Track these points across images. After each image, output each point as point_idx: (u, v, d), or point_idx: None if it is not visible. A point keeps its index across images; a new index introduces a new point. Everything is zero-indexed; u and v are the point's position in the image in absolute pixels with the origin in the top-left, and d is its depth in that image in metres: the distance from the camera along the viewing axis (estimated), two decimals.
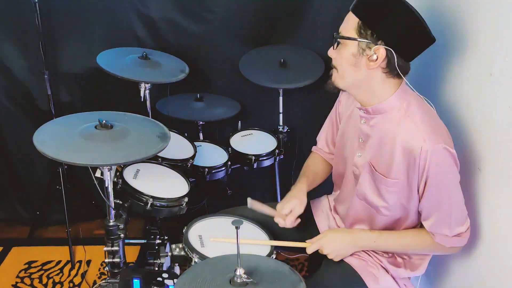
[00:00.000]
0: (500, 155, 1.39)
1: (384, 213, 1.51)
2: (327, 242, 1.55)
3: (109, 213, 1.65)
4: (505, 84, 1.35)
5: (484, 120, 1.47)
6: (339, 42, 1.40)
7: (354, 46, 1.36)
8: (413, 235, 1.52)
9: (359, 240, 1.56)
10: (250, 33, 2.44)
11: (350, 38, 1.36)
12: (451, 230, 1.44)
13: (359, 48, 1.36)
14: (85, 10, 2.34)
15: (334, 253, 1.55)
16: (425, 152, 1.34)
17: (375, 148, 1.48)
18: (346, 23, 1.39)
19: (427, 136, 1.34)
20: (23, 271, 2.39)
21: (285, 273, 1.23)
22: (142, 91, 2.11)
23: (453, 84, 1.66)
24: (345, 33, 1.38)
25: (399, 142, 1.39)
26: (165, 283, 1.48)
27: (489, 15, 1.43)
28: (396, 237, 1.54)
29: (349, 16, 1.38)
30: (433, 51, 1.44)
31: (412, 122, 1.38)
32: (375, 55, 1.34)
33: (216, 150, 2.29)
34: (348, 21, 1.38)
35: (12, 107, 2.49)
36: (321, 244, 1.55)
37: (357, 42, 1.35)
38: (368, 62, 1.36)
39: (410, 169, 1.39)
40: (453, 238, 1.46)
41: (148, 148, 1.51)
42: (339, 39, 1.39)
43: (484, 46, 1.46)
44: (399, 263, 1.59)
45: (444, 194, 1.41)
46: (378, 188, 1.49)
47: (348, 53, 1.38)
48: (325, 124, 1.81)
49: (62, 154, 1.42)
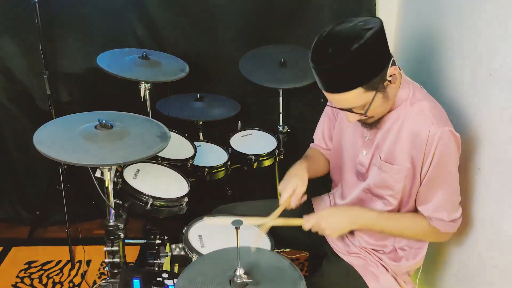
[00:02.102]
0: (500, 155, 1.39)
1: (391, 202, 1.52)
2: (325, 216, 1.51)
3: (109, 213, 1.65)
4: (505, 84, 1.35)
5: (484, 120, 1.47)
6: (365, 111, 1.37)
7: (378, 95, 1.35)
8: (410, 218, 1.52)
9: (359, 217, 1.53)
10: (250, 33, 2.44)
11: (372, 101, 1.35)
12: (449, 214, 1.46)
13: (381, 90, 1.35)
14: (85, 10, 2.35)
15: (331, 228, 1.49)
16: (433, 136, 1.36)
17: (382, 141, 1.49)
18: (351, 100, 1.35)
19: (434, 119, 1.38)
20: (23, 271, 2.39)
21: (285, 269, 1.23)
22: (142, 91, 2.11)
23: (453, 84, 1.66)
24: (363, 101, 1.35)
25: (406, 128, 1.42)
26: (165, 283, 1.48)
27: (489, 15, 1.43)
28: (394, 219, 1.53)
29: (343, 95, 1.34)
30: (433, 51, 1.44)
31: (419, 106, 1.41)
32: (391, 77, 1.35)
33: (216, 150, 2.29)
34: (351, 98, 1.34)
35: (12, 107, 2.49)
36: (318, 218, 1.50)
37: (377, 91, 1.34)
38: (391, 85, 1.37)
39: (416, 152, 1.41)
40: (449, 223, 1.47)
41: (148, 148, 1.51)
42: (365, 111, 1.37)
43: (484, 46, 1.46)
44: (400, 257, 1.59)
45: (446, 178, 1.43)
46: (384, 178, 1.50)
47: (378, 102, 1.37)
48: (321, 120, 1.80)
49: (62, 154, 1.42)
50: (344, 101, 1.37)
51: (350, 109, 1.39)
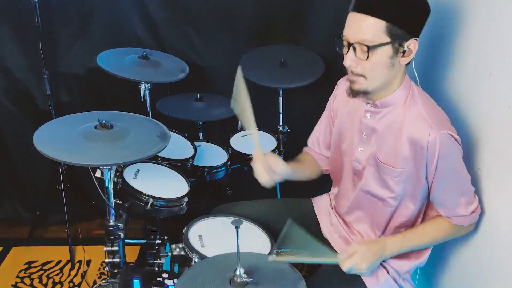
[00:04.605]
0: (500, 155, 1.39)
1: (391, 203, 1.52)
2: (361, 260, 1.42)
3: (109, 213, 1.65)
4: (505, 84, 1.35)
5: (484, 120, 1.47)
6: (368, 50, 1.32)
7: (389, 49, 1.33)
8: (432, 227, 1.50)
9: (387, 249, 1.48)
10: (250, 33, 2.44)
11: (384, 44, 1.31)
12: (466, 209, 1.45)
13: (393, 49, 1.34)
14: (85, 10, 2.34)
15: (370, 269, 1.45)
16: (433, 139, 1.35)
17: (380, 140, 1.48)
18: (368, 29, 1.31)
19: (433, 123, 1.37)
20: (23, 271, 2.39)
21: (285, 270, 1.23)
22: (142, 91, 2.11)
23: (453, 84, 1.66)
24: (375, 39, 1.31)
25: (405, 130, 1.41)
26: (165, 283, 1.48)
27: (489, 15, 1.43)
28: (418, 235, 1.51)
29: (366, 20, 1.30)
30: (433, 51, 1.44)
31: (417, 110, 1.40)
32: (408, 49, 1.34)
33: (216, 150, 2.29)
34: (370, 26, 1.30)
35: (12, 107, 2.49)
36: (355, 261, 1.41)
37: (391, 44, 1.32)
38: (402, 58, 1.36)
39: (417, 156, 1.40)
40: (469, 217, 1.47)
41: (148, 148, 1.51)
42: (370, 48, 1.31)
43: (484, 46, 1.46)
44: (405, 256, 1.58)
45: (454, 179, 1.43)
46: (384, 180, 1.49)
47: (384, 57, 1.34)
48: (316, 127, 1.80)
49: (62, 154, 1.42)
50: (362, 27, 1.31)
51: (357, 44, 1.33)
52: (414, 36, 1.34)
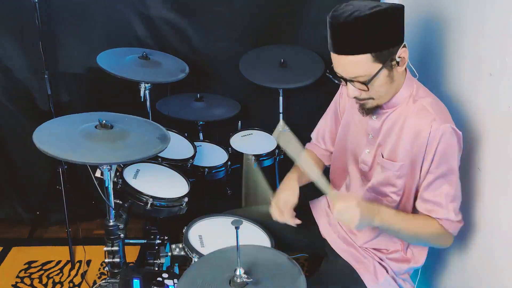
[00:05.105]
0: (500, 155, 1.39)
1: (394, 198, 1.51)
2: (356, 208, 1.36)
3: (109, 213, 1.65)
4: (505, 84, 1.35)
5: (484, 120, 1.47)
6: (366, 83, 1.36)
7: (384, 71, 1.35)
8: (423, 219, 1.48)
9: (380, 213, 1.42)
10: (250, 33, 2.44)
11: (379, 71, 1.34)
12: (456, 214, 1.44)
13: (388, 68, 1.36)
14: (85, 10, 2.35)
15: (360, 223, 1.37)
16: (434, 131, 1.36)
17: (385, 138, 1.49)
18: (357, 67, 1.34)
19: (436, 116, 1.38)
20: (23, 271, 2.39)
21: (284, 265, 1.23)
22: (142, 91, 2.11)
23: (453, 84, 1.66)
24: (368, 72, 1.34)
25: (408, 124, 1.42)
26: (165, 283, 1.48)
27: (489, 15, 1.43)
28: (409, 219, 1.49)
29: (352, 60, 1.33)
30: (433, 51, 1.44)
31: (421, 103, 1.42)
32: (401, 58, 1.36)
33: (216, 150, 2.30)
34: (358, 64, 1.33)
35: (12, 107, 2.49)
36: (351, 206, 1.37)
37: (384, 67, 1.34)
38: (398, 68, 1.38)
39: (417, 148, 1.41)
40: (454, 223, 1.45)
41: (148, 149, 1.51)
42: (367, 82, 1.35)
43: (484, 46, 1.46)
44: (403, 257, 1.58)
45: (449, 175, 1.42)
46: (387, 176, 1.50)
47: (383, 79, 1.37)
48: (322, 119, 1.79)
49: (62, 152, 1.42)
50: (350, 66, 1.35)
51: (352, 80, 1.37)
52: (399, 45, 1.35)
